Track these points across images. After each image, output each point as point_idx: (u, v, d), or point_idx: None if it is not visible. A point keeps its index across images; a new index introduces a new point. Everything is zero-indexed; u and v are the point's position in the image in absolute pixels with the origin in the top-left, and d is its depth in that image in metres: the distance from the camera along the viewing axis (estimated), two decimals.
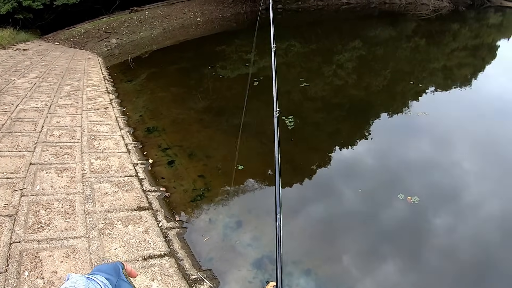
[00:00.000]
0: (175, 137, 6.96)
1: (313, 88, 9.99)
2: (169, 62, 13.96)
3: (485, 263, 4.10)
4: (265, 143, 6.72)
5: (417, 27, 23.63)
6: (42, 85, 8.66)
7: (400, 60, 14.88)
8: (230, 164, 5.90)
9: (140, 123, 7.62)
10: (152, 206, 4.34)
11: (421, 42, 18.99)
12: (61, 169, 4.71)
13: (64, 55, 14.24)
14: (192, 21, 23.92)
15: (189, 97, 9.41)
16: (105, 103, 8.25)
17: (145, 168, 5.49)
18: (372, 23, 25.17)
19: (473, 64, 15.28)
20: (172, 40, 19.60)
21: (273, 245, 4.00)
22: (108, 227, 3.71)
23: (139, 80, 11.36)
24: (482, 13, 38.27)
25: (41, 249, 3.22)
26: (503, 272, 3.99)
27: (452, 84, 11.66)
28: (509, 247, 4.37)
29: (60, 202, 3.94)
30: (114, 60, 15.33)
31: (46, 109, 6.92)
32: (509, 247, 4.36)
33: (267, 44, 3.96)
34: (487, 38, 22.81)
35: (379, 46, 17.49)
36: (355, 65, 13.41)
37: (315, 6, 30.55)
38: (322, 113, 8.44)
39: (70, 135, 5.88)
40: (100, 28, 19.87)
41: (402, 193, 5.13)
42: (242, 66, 12.57)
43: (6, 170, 4.45)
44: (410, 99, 9.36)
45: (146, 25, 21.61)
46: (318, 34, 20.46)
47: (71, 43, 18.07)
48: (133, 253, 3.41)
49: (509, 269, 4.04)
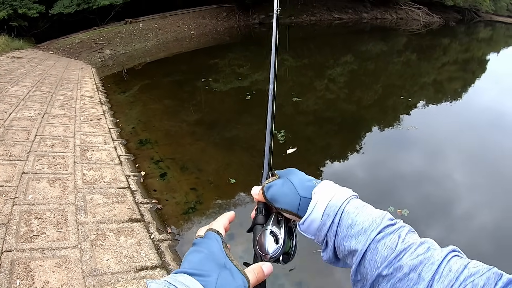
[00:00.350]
0: (168, 149, 6.99)
1: (305, 103, 10.10)
2: (162, 74, 14.02)
3: None
4: (257, 157, 6.78)
5: (408, 42, 24.00)
6: (35, 94, 8.66)
7: (391, 75, 15.10)
8: (222, 178, 5.95)
9: (133, 135, 7.64)
10: (144, 218, 4.36)
11: (412, 56, 19.29)
12: (54, 179, 4.72)
13: (58, 64, 14.25)
14: (186, 34, 24.07)
15: (181, 110, 9.45)
16: (98, 114, 8.27)
17: (137, 180, 5.50)
18: (364, 38, 25.52)
19: (463, 78, 15.55)
20: (166, 53, 19.69)
21: None
22: (100, 238, 3.72)
23: (132, 92, 11.40)
24: (472, 27, 38.96)
25: (33, 259, 3.22)
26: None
27: (442, 98, 11.88)
28: (499, 258, 4.44)
29: (52, 212, 3.95)
30: (108, 71, 15.37)
31: (39, 118, 6.93)
32: (499, 259, 4.43)
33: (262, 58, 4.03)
34: (477, 52, 23.22)
35: (371, 60, 17.74)
36: (346, 79, 13.59)
37: (308, 21, 30.93)
38: (313, 127, 8.52)
39: (63, 145, 5.89)
40: (94, 38, 19.92)
41: (392, 206, 5.21)
42: (235, 80, 12.66)
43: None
44: (401, 113, 9.51)
45: (140, 37, 21.71)
46: (310, 49, 20.70)
47: (65, 52, 18.09)
48: (125, 264, 3.43)
49: None
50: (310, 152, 7.24)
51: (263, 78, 13.07)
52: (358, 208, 0.81)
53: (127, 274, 3.31)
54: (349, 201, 0.82)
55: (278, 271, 3.91)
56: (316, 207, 0.83)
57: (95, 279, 3.16)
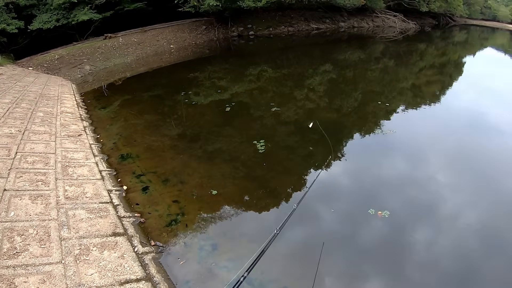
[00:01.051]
0: (149, 163, 7.02)
1: (285, 112, 10.22)
2: (142, 89, 14.03)
3: (453, 274, 4.28)
4: (238, 168, 6.87)
5: (385, 49, 24.43)
6: (15, 110, 8.61)
7: (370, 82, 15.38)
8: (204, 189, 6.00)
9: (114, 150, 7.65)
10: (128, 232, 4.39)
11: (389, 63, 19.64)
12: (36, 195, 4.72)
13: (37, 80, 14.16)
14: (165, 48, 24.12)
15: (162, 124, 9.48)
16: (78, 130, 8.26)
17: (119, 194, 5.53)
18: (342, 46, 25.90)
19: (441, 81, 15.94)
20: (146, 67, 19.70)
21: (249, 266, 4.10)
22: (83, 253, 3.75)
23: (112, 107, 11.39)
24: (448, 32, 39.86)
25: (17, 275, 3.23)
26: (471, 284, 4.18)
27: (420, 102, 12.17)
28: (477, 258, 4.58)
29: (35, 229, 3.96)
30: (88, 87, 15.31)
31: (20, 135, 6.90)
32: (477, 258, 4.58)
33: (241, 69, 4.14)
34: (453, 55, 23.75)
35: (349, 68, 18.04)
36: (326, 88, 13.79)
37: (286, 32, 31.28)
38: (293, 136, 8.63)
39: (44, 162, 5.88)
40: (74, 54, 19.84)
41: (372, 208, 5.33)
42: (215, 93, 12.73)
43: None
44: (379, 119, 9.72)
45: (120, 52, 21.69)
46: (289, 59, 20.92)
47: (45, 68, 17.97)
48: (109, 278, 3.46)
49: (476, 280, 4.24)
50: (292, 161, 7.35)
51: (243, 90, 13.18)
52: None
53: (112, 287, 3.34)
54: None
55: (262, 278, 3.99)
56: None
57: None
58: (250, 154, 7.44)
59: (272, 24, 31.47)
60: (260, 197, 5.91)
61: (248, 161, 7.19)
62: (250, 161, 7.19)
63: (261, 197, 5.89)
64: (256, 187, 6.24)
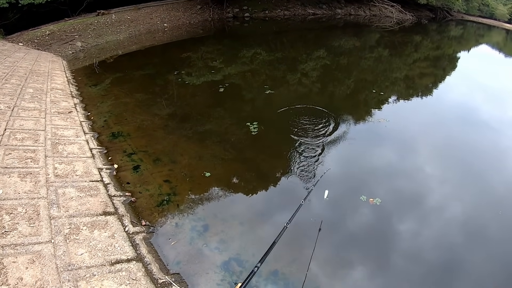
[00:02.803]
0: (140, 142, 6.94)
1: (278, 95, 10.15)
2: (134, 67, 13.84)
3: (442, 262, 4.32)
4: (230, 150, 6.81)
5: (381, 38, 24.32)
6: (4, 86, 8.44)
7: (364, 70, 15.31)
8: (195, 170, 5.95)
9: (105, 128, 7.55)
10: (118, 211, 4.34)
11: (384, 52, 19.55)
12: (25, 173, 4.64)
13: (27, 56, 13.89)
14: (159, 27, 23.79)
15: (154, 104, 9.37)
16: (69, 107, 8.13)
17: (110, 173, 5.46)
18: (337, 33, 25.73)
19: (434, 74, 15.91)
20: (138, 45, 19.42)
21: (240, 248, 4.09)
22: (73, 232, 3.69)
23: (103, 85, 11.22)
24: (444, 26, 39.77)
25: (5, 255, 3.18)
26: (460, 272, 4.21)
27: (413, 93, 12.16)
28: (465, 247, 4.64)
29: (24, 207, 3.89)
30: (79, 64, 15.07)
31: (9, 112, 6.77)
32: (465, 247, 4.63)
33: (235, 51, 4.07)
34: (448, 49, 23.72)
35: (343, 56, 17.94)
36: (319, 74, 13.71)
37: (282, 16, 30.99)
38: (286, 119, 8.57)
39: (33, 139, 5.78)
40: (65, 30, 19.48)
41: (364, 195, 5.34)
42: (208, 73, 12.60)
43: None
44: (372, 107, 9.69)
45: (113, 29, 21.33)
46: (283, 43, 20.74)
47: (35, 44, 17.63)
48: (99, 258, 3.42)
49: (465, 268, 4.28)
50: (284, 145, 7.30)
51: (236, 72, 13.07)
52: None
53: (102, 267, 3.31)
54: None
55: (253, 261, 3.98)
56: None
57: (70, 273, 3.15)
58: (243, 136, 7.39)
59: (268, 7, 31.14)
60: (251, 179, 5.88)
61: (240, 143, 7.14)
62: (242, 143, 7.14)
63: (252, 180, 5.87)
64: (247, 169, 6.20)
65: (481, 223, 5.23)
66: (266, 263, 3.96)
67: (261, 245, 4.28)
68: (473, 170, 6.82)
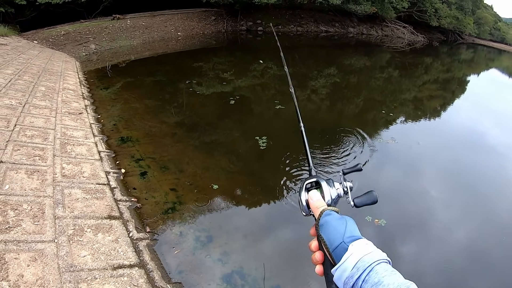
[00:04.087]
0: (148, 149, 6.92)
1: (288, 111, 10.14)
2: (146, 73, 13.90)
3: None
4: (238, 162, 6.79)
5: (391, 59, 24.39)
6: (17, 82, 8.47)
7: (373, 90, 15.33)
8: (201, 180, 5.92)
9: (114, 132, 7.55)
10: (123, 216, 4.30)
11: (394, 73, 19.60)
12: (32, 170, 4.62)
13: (41, 54, 13.99)
14: (172, 35, 23.98)
15: (163, 111, 9.38)
16: (80, 108, 8.15)
17: (117, 177, 5.43)
18: (349, 52, 25.84)
19: (443, 96, 15.91)
20: (151, 52, 19.57)
21: (243, 262, 4.04)
22: (77, 233, 3.66)
23: (115, 89, 11.26)
24: (455, 48, 39.88)
25: (8, 251, 3.14)
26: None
27: (422, 115, 12.15)
28: (467, 273, 4.58)
29: (29, 204, 3.86)
30: (92, 66, 15.17)
31: (20, 108, 6.78)
32: (467, 273, 4.57)
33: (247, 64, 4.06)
34: (458, 72, 23.75)
35: (354, 74, 17.99)
36: (329, 91, 13.71)
37: (295, 31, 31.22)
38: (295, 135, 8.54)
39: (43, 137, 5.78)
40: (80, 31, 19.65)
41: (369, 216, 5.29)
42: (218, 84, 12.63)
43: None
44: (381, 127, 9.63)
45: (127, 34, 21.52)
46: (295, 59, 20.83)
47: (50, 43, 17.78)
48: (102, 261, 3.37)
49: None
50: (292, 162, 7.26)
51: (246, 85, 13.10)
52: (387, 271, 0.85)
53: (104, 271, 3.26)
54: (380, 263, 0.87)
55: (256, 275, 3.93)
56: (349, 258, 0.88)
57: (71, 275, 3.10)
58: (251, 150, 7.37)
59: (281, 22, 31.40)
60: (256, 194, 5.83)
61: (247, 157, 7.11)
62: (249, 157, 7.11)
63: (257, 194, 5.81)
64: (253, 183, 6.16)
65: (484, 249, 5.17)
66: (268, 279, 3.92)
67: (264, 259, 4.23)
68: (479, 196, 6.77)
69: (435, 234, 5.31)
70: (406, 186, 6.75)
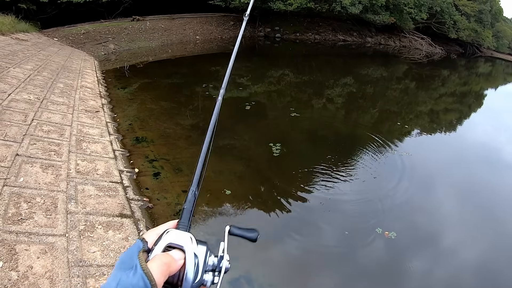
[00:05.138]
0: (162, 150, 6.95)
1: (303, 119, 10.11)
2: (163, 75, 14.01)
3: None
4: (249, 168, 6.77)
5: (409, 70, 24.23)
6: (36, 78, 8.59)
7: (389, 101, 15.22)
8: (213, 184, 5.92)
9: (130, 131, 7.60)
10: (134, 215, 4.31)
11: (411, 84, 19.47)
12: (47, 165, 4.66)
13: (61, 52, 14.19)
14: (191, 38, 24.14)
15: (178, 113, 9.42)
16: (96, 106, 8.22)
17: (130, 176, 5.46)
18: (366, 61, 25.73)
19: (459, 110, 15.73)
20: (169, 54, 19.71)
21: (251, 267, 4.03)
22: (88, 229, 3.67)
23: (131, 89, 11.35)
24: (473, 61, 39.42)
25: (19, 242, 3.16)
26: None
27: (437, 128, 12.01)
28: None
29: (42, 198, 3.90)
30: (110, 65, 15.32)
31: (38, 103, 6.86)
32: None
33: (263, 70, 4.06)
34: (475, 86, 23.47)
35: (370, 84, 17.89)
36: (344, 100, 13.66)
37: (312, 39, 31.20)
38: (308, 144, 8.54)
39: (59, 133, 5.84)
40: (100, 31, 19.90)
41: (380, 228, 5.22)
42: (234, 89, 12.65)
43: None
44: (395, 139, 9.53)
45: (146, 35, 21.72)
46: (311, 67, 20.83)
47: (70, 41, 18.02)
48: (111, 258, 3.38)
49: None
50: (305, 170, 7.24)
51: (262, 91, 13.12)
52: None
53: (112, 268, 3.26)
54: None
55: (263, 281, 3.91)
56: None
57: (80, 269, 3.12)
58: (264, 156, 7.35)
59: (299, 30, 31.44)
60: (267, 200, 5.80)
61: (260, 163, 7.09)
62: (262, 163, 7.09)
63: (268, 201, 5.78)
64: (265, 190, 6.12)
65: (496, 268, 5.06)
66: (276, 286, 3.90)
67: (272, 266, 4.21)
68: (492, 213, 6.63)
69: (445, 250, 5.22)
70: (418, 199, 6.66)
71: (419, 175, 7.65)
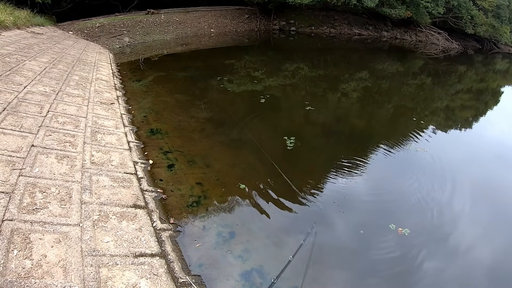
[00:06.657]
0: (177, 142, 6.96)
1: (318, 113, 10.04)
2: (177, 68, 14.03)
3: None
4: (263, 161, 6.73)
5: (425, 65, 23.89)
6: (52, 71, 8.65)
7: (404, 96, 15.02)
8: (227, 177, 5.91)
9: (144, 123, 7.62)
10: (148, 206, 4.32)
11: (427, 80, 19.19)
12: (62, 156, 4.69)
13: (76, 45, 14.28)
14: (205, 31, 24.13)
15: (192, 106, 9.42)
16: (111, 98, 8.26)
17: (144, 167, 5.47)
18: (381, 56, 25.45)
19: (476, 107, 15.46)
20: (184, 47, 19.73)
21: (264, 260, 4.00)
22: (102, 219, 3.68)
23: (146, 81, 11.39)
24: (490, 58, 38.76)
25: (33, 231, 3.18)
26: None
27: (453, 125, 11.83)
28: None
29: (57, 188, 3.92)
30: (125, 58, 15.39)
31: (54, 95, 6.91)
32: None
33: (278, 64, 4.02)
34: (492, 83, 23.06)
35: (385, 79, 17.68)
36: (359, 95, 13.52)
37: (328, 33, 30.95)
38: (323, 138, 8.48)
39: (74, 124, 5.87)
40: (115, 24, 19.97)
41: (393, 224, 5.17)
42: (249, 83, 12.62)
43: (7, 147, 4.41)
44: (411, 135, 9.40)
45: (161, 28, 21.77)
46: (327, 61, 20.67)
47: (85, 35, 18.13)
48: (124, 248, 3.39)
49: None
50: (319, 164, 7.19)
51: (277, 84, 13.05)
52: None
53: (125, 258, 3.27)
54: None
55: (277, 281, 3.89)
56: None
57: (93, 259, 3.13)
58: (278, 149, 7.31)
59: (314, 23, 31.20)
60: (281, 194, 5.75)
61: (274, 156, 7.05)
62: (276, 156, 7.04)
63: (282, 194, 5.73)
64: (279, 183, 6.07)
65: (510, 268, 4.98)
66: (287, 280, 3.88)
67: (285, 260, 4.19)
68: (508, 212, 6.52)
69: (459, 248, 5.13)
70: (433, 196, 6.55)
71: (434, 172, 7.53)
